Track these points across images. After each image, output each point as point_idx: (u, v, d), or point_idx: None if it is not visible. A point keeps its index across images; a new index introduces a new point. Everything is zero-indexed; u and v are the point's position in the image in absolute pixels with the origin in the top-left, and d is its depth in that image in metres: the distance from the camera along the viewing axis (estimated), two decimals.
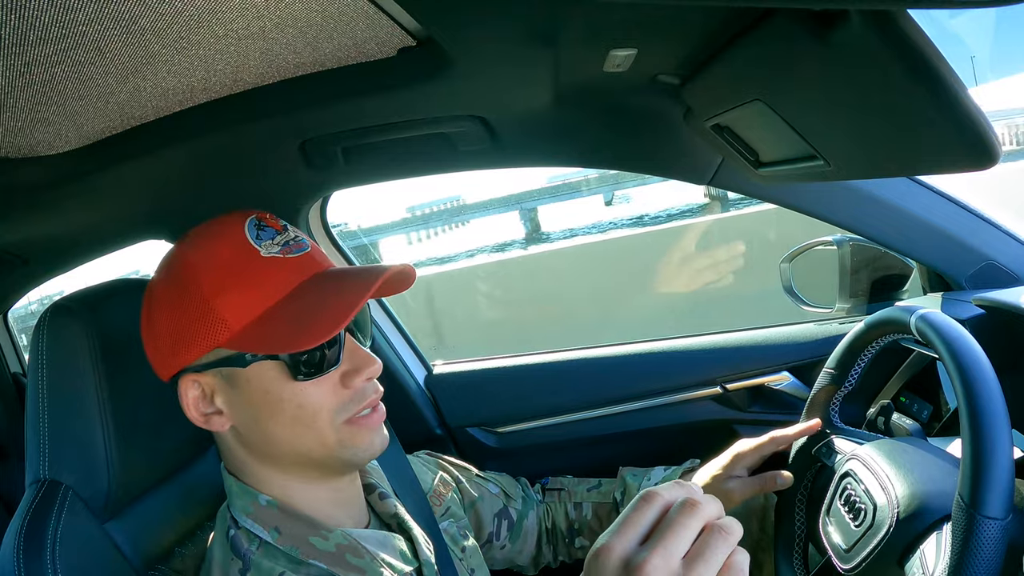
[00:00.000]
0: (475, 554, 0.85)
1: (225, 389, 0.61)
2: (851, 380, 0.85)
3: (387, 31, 0.69)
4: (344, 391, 0.62)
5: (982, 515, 0.55)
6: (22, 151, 0.77)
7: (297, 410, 0.60)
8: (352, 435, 0.62)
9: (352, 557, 0.63)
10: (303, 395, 0.60)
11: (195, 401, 0.62)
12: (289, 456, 0.63)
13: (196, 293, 0.59)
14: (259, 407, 0.60)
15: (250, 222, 0.62)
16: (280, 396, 0.60)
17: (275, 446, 0.62)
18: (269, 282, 0.60)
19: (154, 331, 0.62)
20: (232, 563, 0.60)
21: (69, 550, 0.63)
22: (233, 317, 0.58)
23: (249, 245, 0.61)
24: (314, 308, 0.59)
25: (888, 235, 1.00)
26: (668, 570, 0.41)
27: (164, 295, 0.61)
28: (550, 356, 1.25)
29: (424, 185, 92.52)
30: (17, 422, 1.63)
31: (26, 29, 0.51)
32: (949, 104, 0.45)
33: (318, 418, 0.61)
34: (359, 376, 0.62)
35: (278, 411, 0.60)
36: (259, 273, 0.60)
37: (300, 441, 0.61)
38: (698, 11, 0.59)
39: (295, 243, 0.63)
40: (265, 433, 0.62)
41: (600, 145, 1.02)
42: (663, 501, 0.45)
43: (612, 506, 0.99)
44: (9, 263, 1.22)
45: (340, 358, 0.62)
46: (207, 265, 0.60)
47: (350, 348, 0.63)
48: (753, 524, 1.01)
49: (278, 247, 0.62)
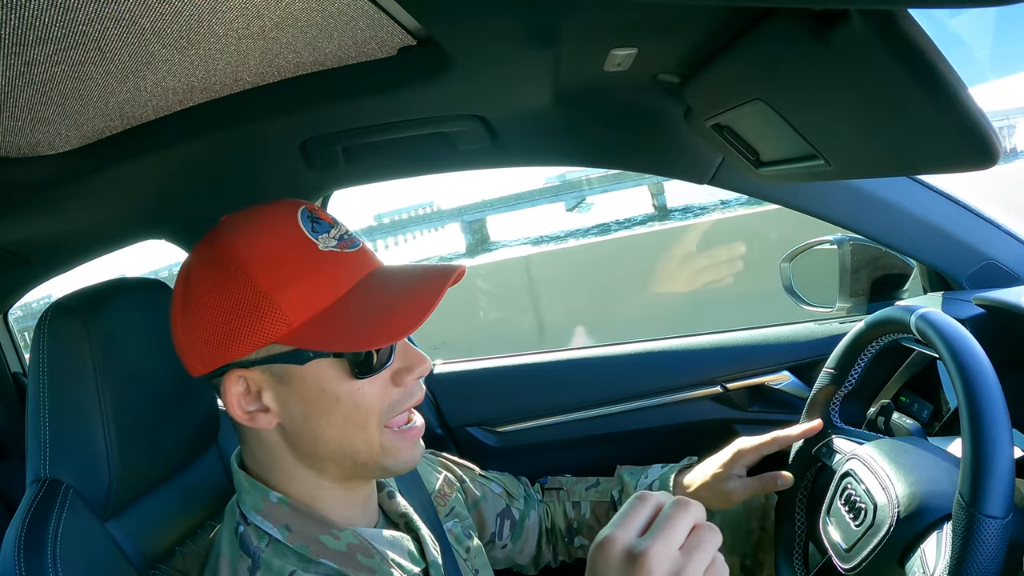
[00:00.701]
0: (479, 554, 0.85)
1: (275, 386, 0.59)
2: (851, 380, 0.85)
3: (387, 31, 0.69)
4: (394, 389, 0.62)
5: (982, 514, 0.55)
6: (22, 151, 0.77)
7: (352, 409, 0.59)
8: (396, 444, 0.62)
9: (362, 557, 0.63)
10: (359, 394, 0.59)
11: (239, 398, 0.59)
12: (335, 456, 0.62)
13: (249, 285, 0.56)
14: (312, 405, 0.59)
15: (302, 213, 0.60)
16: (336, 395, 0.59)
17: (323, 445, 0.61)
18: (329, 277, 0.58)
19: (194, 323, 0.58)
20: (241, 560, 0.60)
21: (70, 549, 0.63)
22: (293, 312, 0.56)
23: (306, 238, 0.59)
24: (384, 306, 0.58)
25: (888, 234, 1.00)
26: (669, 558, 0.44)
27: (209, 286, 0.58)
28: (550, 356, 1.25)
29: (397, 191, 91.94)
30: (18, 421, 1.63)
31: (26, 29, 0.51)
32: (949, 104, 0.45)
33: (371, 418, 0.60)
34: (411, 374, 0.62)
35: (333, 410, 0.59)
36: (319, 268, 0.58)
37: (349, 442, 0.60)
38: (699, 10, 0.59)
39: (349, 238, 0.62)
40: (314, 432, 0.60)
41: (600, 144, 1.02)
42: (656, 500, 0.49)
43: (610, 504, 0.99)
44: (9, 262, 1.22)
45: (392, 356, 0.61)
46: (262, 257, 0.57)
47: (401, 346, 0.63)
48: (753, 524, 1.01)
49: (335, 241, 0.60)
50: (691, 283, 4.13)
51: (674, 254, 4.17)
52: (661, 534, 0.45)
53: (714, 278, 4.08)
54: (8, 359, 1.67)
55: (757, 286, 3.73)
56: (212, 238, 0.60)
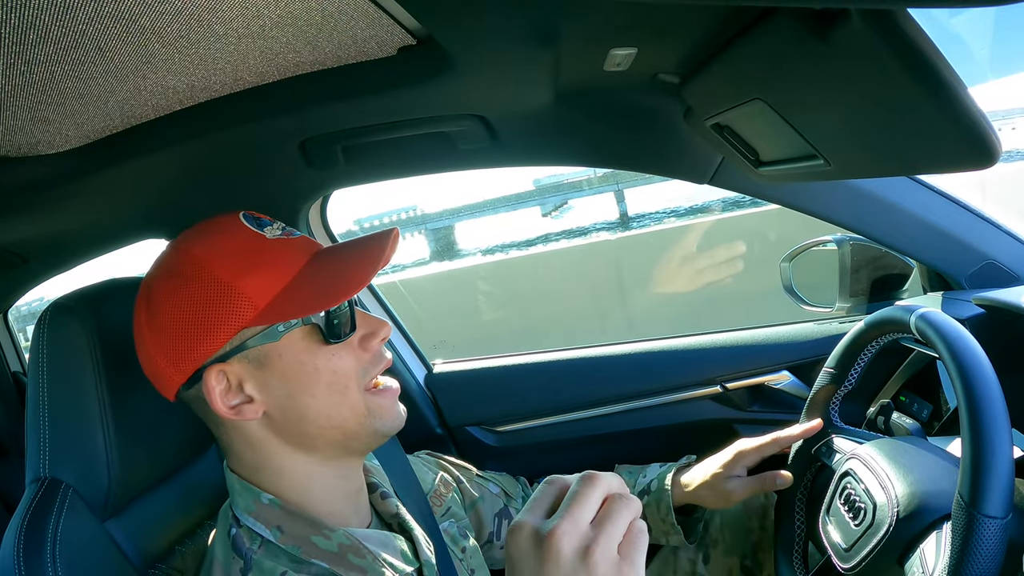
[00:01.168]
0: (475, 554, 0.85)
1: (254, 373, 0.60)
2: (851, 379, 0.85)
3: (387, 30, 0.69)
4: (364, 355, 0.64)
5: (982, 514, 0.55)
6: (22, 150, 0.77)
7: (332, 376, 0.62)
8: (378, 403, 0.65)
9: (354, 557, 0.63)
10: (335, 360, 0.62)
11: (222, 394, 0.60)
12: (325, 431, 0.63)
13: (212, 280, 0.59)
14: (294, 380, 0.61)
15: (244, 215, 0.64)
16: (315, 365, 0.61)
17: (310, 421, 0.62)
18: (283, 260, 0.62)
19: (165, 330, 0.60)
20: (234, 562, 0.60)
21: (69, 549, 0.63)
22: (257, 295, 0.59)
23: (254, 232, 0.63)
24: (337, 271, 0.61)
25: (888, 234, 1.00)
26: (578, 533, 0.45)
27: (173, 291, 0.60)
28: (550, 355, 1.25)
29: (378, 196, 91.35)
30: (17, 421, 1.63)
31: (26, 28, 0.51)
32: (949, 103, 0.45)
33: (350, 383, 0.62)
34: (375, 338, 0.65)
35: (314, 381, 0.61)
36: (272, 254, 0.62)
37: (336, 411, 0.62)
38: (698, 10, 0.59)
39: (289, 230, 0.66)
40: (301, 409, 0.61)
41: (600, 144, 1.02)
42: (563, 481, 0.49)
43: None
44: (9, 262, 1.22)
45: (356, 324, 0.64)
46: (219, 254, 0.60)
47: (360, 314, 0.66)
48: (753, 523, 1.01)
49: (279, 231, 0.65)
50: (623, 295, 4.18)
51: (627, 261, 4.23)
52: (567, 511, 0.45)
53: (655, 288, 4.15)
54: (8, 358, 1.67)
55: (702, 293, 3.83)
56: (164, 256, 0.64)
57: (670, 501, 0.94)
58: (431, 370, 1.32)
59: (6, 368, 1.65)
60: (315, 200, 1.14)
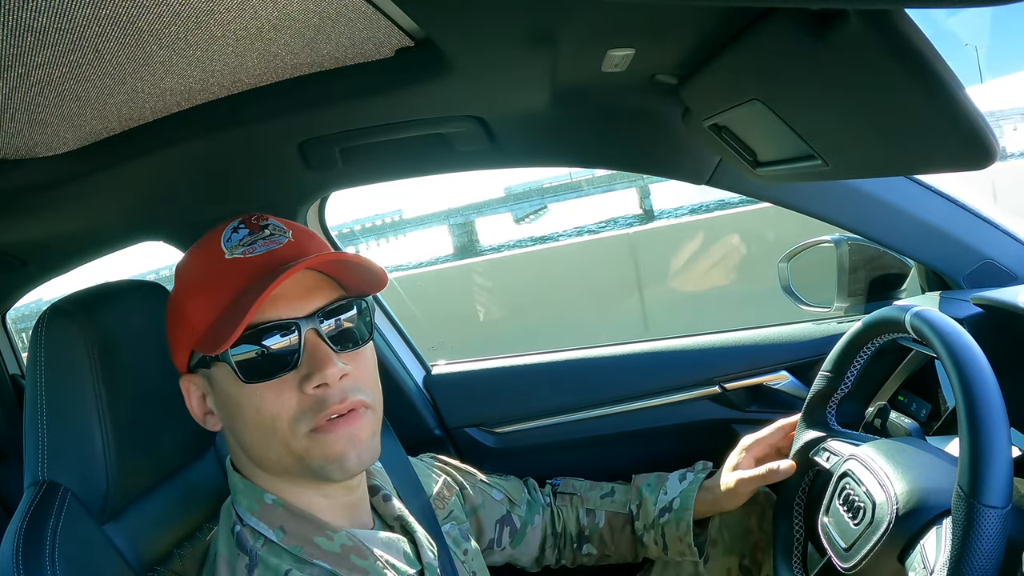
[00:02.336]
0: (476, 556, 0.85)
1: (208, 390, 0.64)
2: (848, 380, 0.85)
3: (385, 32, 0.69)
4: (305, 396, 0.58)
5: (982, 504, 0.55)
6: (20, 153, 0.77)
7: (255, 415, 0.59)
8: (319, 445, 0.59)
9: (356, 558, 0.63)
10: (258, 399, 0.58)
11: (197, 401, 0.64)
12: (264, 463, 0.63)
13: (176, 297, 0.64)
14: (227, 408, 0.62)
15: (232, 224, 0.63)
16: (238, 400, 0.60)
17: (250, 450, 0.63)
18: (225, 284, 0.60)
19: (167, 327, 0.66)
20: (239, 559, 0.60)
21: (68, 552, 0.63)
22: (198, 319, 0.60)
23: (218, 248, 0.62)
24: (240, 307, 0.56)
25: (886, 234, 1.00)
26: None
27: (169, 297, 0.66)
28: (548, 356, 1.25)
29: (359, 201, 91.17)
30: (16, 424, 1.62)
31: (23, 30, 0.51)
32: (946, 103, 0.45)
33: (277, 424, 0.58)
34: (309, 382, 0.58)
35: (239, 415, 0.60)
36: (220, 275, 0.60)
37: (267, 447, 0.60)
38: (696, 11, 0.59)
39: (266, 241, 0.61)
40: (238, 437, 0.63)
41: (598, 145, 1.02)
42: None
43: (627, 518, 0.98)
44: (7, 264, 1.22)
45: (299, 361, 0.58)
46: (185, 271, 0.64)
47: (311, 350, 0.59)
48: (752, 523, 1.01)
49: (243, 248, 0.61)
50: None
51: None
52: None
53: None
54: (6, 361, 1.66)
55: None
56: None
57: (691, 520, 0.92)
58: (429, 372, 1.32)
59: (4, 371, 1.65)
60: (313, 202, 1.14)
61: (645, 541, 0.97)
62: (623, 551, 0.99)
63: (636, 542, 0.98)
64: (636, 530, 0.98)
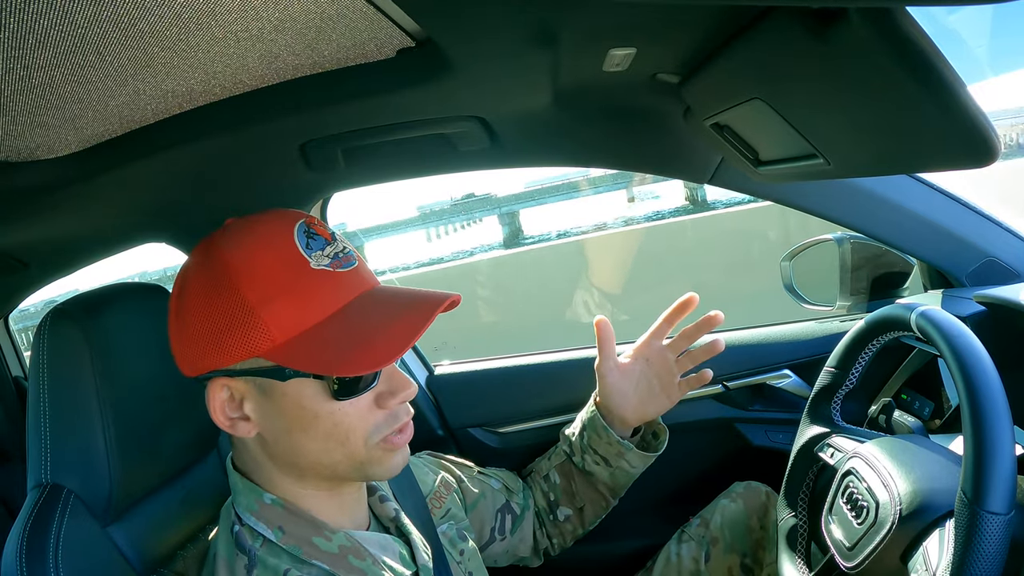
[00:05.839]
0: (474, 556, 0.85)
1: (256, 397, 0.60)
2: (852, 378, 0.85)
3: (386, 32, 0.69)
4: (378, 412, 0.61)
5: (985, 510, 0.55)
6: (21, 155, 0.77)
7: (332, 428, 0.59)
8: (382, 455, 0.62)
9: (354, 559, 0.63)
10: (340, 414, 0.59)
11: (222, 405, 0.60)
12: (314, 468, 0.62)
13: (238, 298, 0.56)
14: (292, 420, 0.59)
15: (299, 227, 0.60)
16: (316, 413, 0.59)
17: (302, 457, 0.61)
18: (318, 297, 0.58)
19: (185, 327, 0.59)
20: (238, 559, 0.60)
21: (72, 554, 0.63)
22: (278, 329, 0.56)
23: (299, 254, 0.58)
24: (369, 332, 0.57)
25: (888, 232, 1.00)
26: None
27: (201, 293, 0.58)
28: (551, 356, 1.25)
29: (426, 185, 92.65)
30: (19, 426, 1.63)
31: (25, 32, 0.51)
32: (948, 101, 0.45)
33: (351, 437, 0.60)
34: (394, 399, 0.62)
35: (312, 427, 0.59)
36: (308, 286, 0.58)
37: (329, 456, 0.61)
38: (697, 10, 0.59)
39: (344, 256, 0.61)
40: (294, 445, 0.61)
41: (599, 144, 1.02)
42: None
43: (568, 461, 1.02)
44: (9, 267, 1.22)
45: (377, 379, 0.61)
46: (252, 270, 0.57)
47: (387, 369, 0.62)
48: (753, 522, 1.01)
49: (328, 259, 0.60)
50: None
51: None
52: None
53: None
54: (9, 363, 1.66)
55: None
56: (209, 244, 0.61)
57: (603, 422, 0.96)
58: (432, 372, 1.32)
59: (7, 373, 1.65)
60: (315, 202, 1.14)
61: (588, 468, 0.99)
62: (587, 493, 1.00)
63: (587, 477, 1.00)
64: (577, 464, 1.00)
